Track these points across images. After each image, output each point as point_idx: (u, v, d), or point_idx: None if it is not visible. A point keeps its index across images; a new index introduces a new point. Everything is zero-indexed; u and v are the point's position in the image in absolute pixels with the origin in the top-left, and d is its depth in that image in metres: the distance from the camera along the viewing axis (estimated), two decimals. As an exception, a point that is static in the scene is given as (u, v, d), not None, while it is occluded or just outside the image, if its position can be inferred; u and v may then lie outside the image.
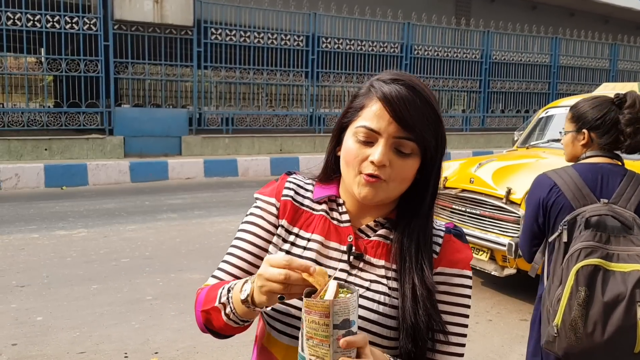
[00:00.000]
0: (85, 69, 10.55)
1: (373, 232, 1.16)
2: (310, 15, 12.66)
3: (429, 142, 1.07)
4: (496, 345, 3.89)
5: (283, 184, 1.22)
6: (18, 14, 9.93)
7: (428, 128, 1.06)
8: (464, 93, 16.14)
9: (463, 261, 1.15)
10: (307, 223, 1.18)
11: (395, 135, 1.05)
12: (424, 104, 1.06)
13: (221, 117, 12.33)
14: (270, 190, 1.22)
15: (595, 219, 1.91)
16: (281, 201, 1.19)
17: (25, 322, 4.00)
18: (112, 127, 10.94)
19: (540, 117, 5.75)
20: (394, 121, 1.05)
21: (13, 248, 5.76)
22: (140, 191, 9.21)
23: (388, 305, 1.09)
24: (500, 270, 4.54)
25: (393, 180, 1.08)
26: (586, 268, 1.85)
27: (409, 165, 1.08)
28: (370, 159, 1.06)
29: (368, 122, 1.07)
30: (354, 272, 1.13)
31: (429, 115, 1.07)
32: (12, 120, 10.41)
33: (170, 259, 5.56)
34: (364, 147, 1.07)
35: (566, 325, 1.87)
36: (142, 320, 4.09)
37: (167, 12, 10.96)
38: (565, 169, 2.10)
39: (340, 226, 1.16)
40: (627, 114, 2.02)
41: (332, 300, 0.88)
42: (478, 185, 4.70)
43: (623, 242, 1.87)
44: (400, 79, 1.07)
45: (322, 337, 0.90)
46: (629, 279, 1.81)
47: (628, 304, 1.79)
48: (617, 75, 17.15)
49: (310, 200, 1.20)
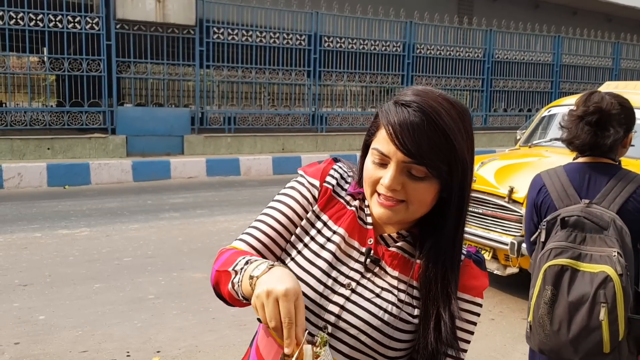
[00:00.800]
0: (88, 68, 10.56)
1: (394, 242, 1.16)
2: (313, 14, 12.66)
3: (440, 169, 1.04)
4: (498, 344, 3.89)
5: (329, 169, 1.21)
6: (20, 13, 9.94)
7: (436, 155, 1.02)
8: (466, 92, 16.10)
9: (478, 289, 1.15)
10: (337, 215, 1.18)
11: (404, 160, 1.04)
12: (432, 130, 1.02)
13: (223, 116, 12.33)
14: (315, 171, 1.21)
15: (572, 220, 1.93)
16: (323, 186, 1.19)
17: (28, 321, 4.00)
18: (115, 127, 10.95)
19: (542, 116, 5.74)
20: (398, 150, 1.03)
21: (16, 247, 5.77)
22: (143, 190, 9.22)
23: (394, 316, 1.09)
24: (503, 269, 4.53)
25: (410, 202, 1.07)
26: (553, 268, 1.89)
27: (423, 189, 1.06)
28: (381, 182, 1.06)
29: (379, 145, 1.06)
30: (368, 275, 1.13)
31: (438, 142, 1.02)
32: (14, 120, 10.44)
33: (172, 258, 5.56)
34: (378, 168, 1.07)
35: (536, 323, 1.93)
36: (144, 319, 4.10)
37: (169, 12, 10.97)
38: (555, 169, 2.12)
39: (365, 227, 1.16)
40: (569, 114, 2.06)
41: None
42: (480, 184, 4.69)
43: (598, 243, 1.88)
44: (414, 102, 1.03)
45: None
46: (595, 280, 1.83)
47: (591, 305, 1.81)
48: (620, 74, 17.11)
49: (345, 193, 1.20)
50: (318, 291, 1.11)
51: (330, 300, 1.10)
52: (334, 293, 1.11)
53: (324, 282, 1.11)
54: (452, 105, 1.06)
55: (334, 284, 1.11)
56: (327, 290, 1.11)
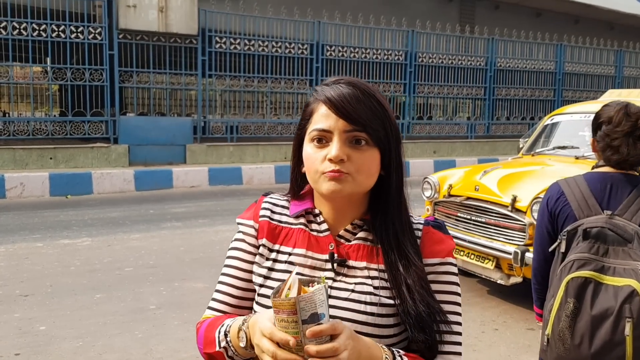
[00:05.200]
0: (90, 78, 10.59)
1: (352, 235, 1.19)
2: (315, 23, 12.69)
3: (379, 132, 1.11)
4: (502, 355, 3.85)
5: (260, 205, 1.26)
6: (24, 23, 9.99)
7: (374, 119, 1.10)
8: (468, 100, 16.11)
9: (444, 250, 1.17)
10: (287, 238, 1.21)
11: (345, 129, 1.10)
12: (366, 97, 1.11)
13: (225, 125, 12.34)
14: (249, 214, 1.26)
15: (595, 231, 1.88)
16: (259, 222, 1.23)
17: (29, 332, 3.98)
18: (117, 136, 10.96)
19: (545, 124, 5.72)
20: (340, 118, 1.09)
21: (17, 257, 5.75)
22: (145, 200, 9.21)
23: (375, 304, 1.11)
24: (507, 279, 4.50)
25: (357, 172, 1.10)
26: (576, 280, 1.83)
27: (368, 157, 1.11)
28: (328, 157, 1.09)
29: (319, 124, 1.12)
30: (339, 278, 1.15)
31: (373, 107, 1.11)
32: (17, 130, 10.45)
33: (174, 267, 5.54)
34: (321, 149, 1.12)
35: (555, 336, 1.87)
36: (145, 330, 4.07)
37: (171, 21, 11.00)
38: (575, 177, 2.07)
39: (320, 236, 1.19)
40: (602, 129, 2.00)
41: (297, 297, 0.90)
42: (483, 193, 4.67)
43: (621, 256, 1.83)
44: (341, 79, 1.14)
45: (293, 334, 0.91)
46: (620, 294, 1.78)
47: (616, 319, 1.76)
48: (623, 81, 17.09)
49: (288, 216, 1.23)
50: None
51: None
52: None
53: None
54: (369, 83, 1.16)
55: None
56: None
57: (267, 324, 0.96)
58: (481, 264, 4.63)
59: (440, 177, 5.27)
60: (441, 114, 16.73)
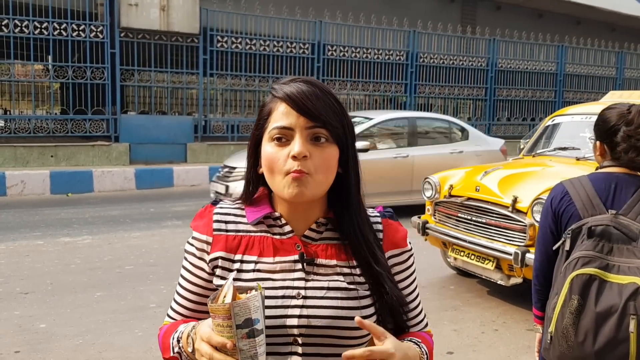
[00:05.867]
0: (92, 76, 10.59)
1: (318, 234, 1.19)
2: (316, 23, 12.69)
3: (337, 129, 1.12)
4: (502, 356, 3.85)
5: (211, 217, 1.21)
6: (25, 21, 9.99)
7: (333, 115, 1.12)
8: (469, 101, 16.10)
9: (402, 239, 1.25)
10: (249, 247, 1.17)
11: (306, 125, 1.10)
12: (324, 94, 1.12)
13: (226, 125, 12.34)
14: (202, 226, 1.21)
15: (599, 229, 1.89)
16: (213, 236, 1.19)
17: (29, 330, 3.98)
18: (118, 134, 10.97)
19: (546, 125, 5.72)
20: (301, 115, 1.10)
21: (17, 255, 5.76)
22: (146, 198, 9.22)
23: (352, 299, 1.14)
24: (507, 280, 4.50)
25: (318, 171, 1.10)
26: (581, 277, 1.84)
27: (328, 153, 1.12)
28: (291, 154, 1.09)
29: (279, 122, 1.11)
30: (310, 277, 1.15)
31: (331, 104, 1.12)
32: (18, 127, 10.46)
33: (174, 266, 5.54)
34: (282, 147, 1.11)
35: (558, 333, 1.87)
36: (145, 328, 4.08)
37: (173, 20, 11.01)
38: (579, 178, 2.07)
39: (285, 239, 1.18)
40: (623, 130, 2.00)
41: (232, 303, 0.94)
42: (484, 194, 4.67)
43: (626, 254, 1.84)
44: (298, 78, 1.15)
45: (228, 338, 0.95)
46: (624, 291, 1.78)
47: (620, 316, 1.77)
48: (624, 83, 17.09)
49: (245, 224, 1.19)
50: (273, 315, 1.10)
51: (288, 316, 1.11)
52: (288, 307, 1.11)
53: (274, 305, 1.11)
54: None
55: (284, 300, 1.12)
56: (279, 309, 1.11)
57: (206, 329, 0.99)
58: (481, 264, 4.63)
59: (441, 177, 5.28)
60: (442, 114, 16.71)
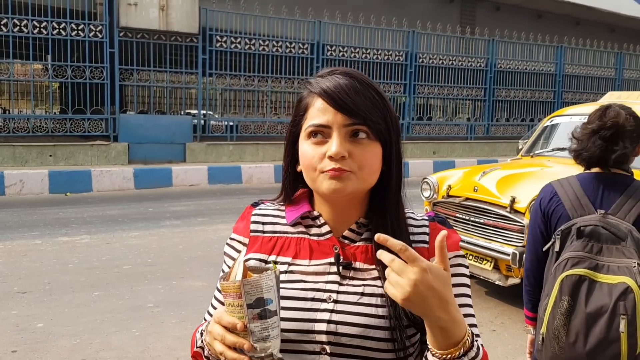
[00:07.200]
0: (91, 75, 10.59)
1: (358, 235, 1.11)
2: (315, 23, 12.69)
3: (379, 125, 1.04)
4: (500, 356, 3.85)
5: (249, 218, 1.19)
6: (24, 20, 9.99)
7: (374, 109, 1.04)
8: (468, 101, 16.12)
9: (454, 244, 1.12)
10: (284, 248, 1.13)
11: (345, 123, 1.02)
12: (364, 87, 1.04)
13: (225, 124, 12.34)
14: (241, 228, 1.20)
15: (588, 229, 1.90)
16: (250, 237, 1.17)
17: (26, 329, 3.98)
18: (117, 134, 10.97)
19: (545, 126, 5.72)
20: (338, 111, 1.02)
21: (15, 254, 5.75)
22: (144, 198, 9.21)
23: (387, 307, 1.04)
24: (505, 280, 4.50)
25: (360, 169, 1.03)
26: (570, 278, 1.84)
27: (369, 152, 1.04)
28: (328, 155, 1.02)
29: (316, 119, 1.04)
30: (345, 282, 1.07)
31: (372, 97, 1.04)
32: (17, 127, 10.46)
33: (172, 266, 5.54)
34: (319, 146, 1.04)
35: (550, 334, 1.87)
36: (142, 328, 4.07)
37: (172, 20, 11.00)
38: (568, 178, 2.09)
39: (322, 239, 1.11)
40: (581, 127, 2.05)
41: (242, 281, 0.90)
42: (482, 194, 4.67)
43: (615, 254, 1.85)
44: (336, 70, 1.07)
45: (239, 318, 0.91)
46: (614, 291, 1.79)
47: (610, 316, 1.77)
48: (623, 84, 17.10)
49: (284, 225, 1.15)
50: (301, 318, 1.04)
51: (316, 320, 1.03)
52: (317, 311, 1.04)
53: (302, 307, 1.05)
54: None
55: (313, 303, 1.05)
56: (308, 312, 1.04)
57: (219, 311, 0.95)
58: (479, 264, 4.63)
59: (439, 177, 5.27)
60: (441, 114, 16.76)
